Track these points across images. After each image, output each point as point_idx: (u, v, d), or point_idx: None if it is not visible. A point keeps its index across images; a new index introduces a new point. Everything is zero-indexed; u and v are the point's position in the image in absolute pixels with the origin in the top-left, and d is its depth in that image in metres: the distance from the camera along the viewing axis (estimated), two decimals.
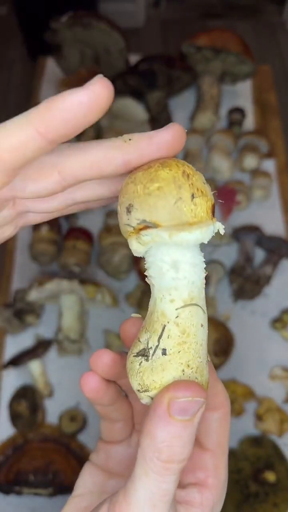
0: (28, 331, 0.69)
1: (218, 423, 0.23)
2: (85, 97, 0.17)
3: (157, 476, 0.19)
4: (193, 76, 0.86)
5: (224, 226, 0.23)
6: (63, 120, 0.17)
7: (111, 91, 0.18)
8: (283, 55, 2.00)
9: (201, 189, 0.19)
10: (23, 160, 0.18)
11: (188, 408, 0.18)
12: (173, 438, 0.18)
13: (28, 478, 0.60)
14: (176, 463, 0.19)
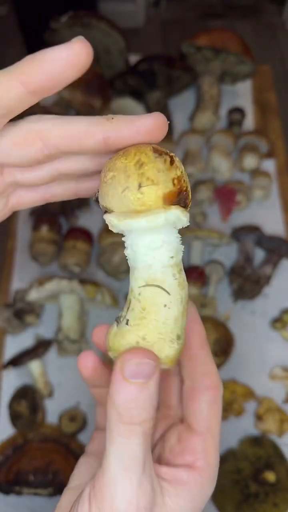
0: (28, 331, 0.69)
1: (208, 405, 0.24)
2: (64, 53, 0.19)
3: (122, 439, 0.20)
4: (193, 76, 0.86)
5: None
6: (43, 72, 0.19)
7: (90, 51, 0.19)
8: (283, 55, 2.00)
9: (151, 178, 0.19)
10: (5, 108, 0.19)
11: (139, 371, 0.20)
12: (130, 400, 0.20)
13: (28, 478, 0.60)
14: (137, 425, 0.20)
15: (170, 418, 0.27)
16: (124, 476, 0.20)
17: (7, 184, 0.24)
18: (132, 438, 0.20)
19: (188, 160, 0.80)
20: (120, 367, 0.20)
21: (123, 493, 0.20)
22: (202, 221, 0.77)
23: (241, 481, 0.58)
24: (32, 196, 0.25)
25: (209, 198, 0.77)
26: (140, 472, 0.20)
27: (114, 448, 0.20)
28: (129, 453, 0.20)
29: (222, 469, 0.59)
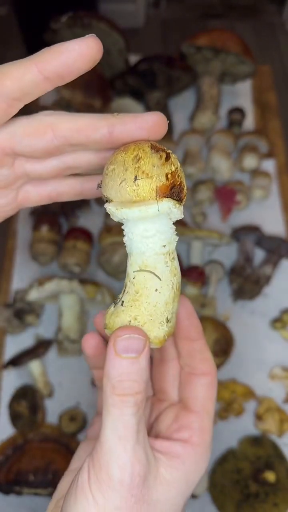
0: (28, 331, 0.69)
1: (204, 388, 0.26)
2: (77, 45, 0.21)
3: (116, 409, 0.22)
4: (193, 76, 0.86)
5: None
6: (59, 59, 0.21)
7: (100, 47, 0.21)
8: (283, 55, 2.00)
9: (146, 171, 0.21)
10: (21, 91, 0.21)
11: (129, 346, 0.22)
12: (122, 373, 0.22)
13: (28, 478, 0.60)
14: (129, 396, 0.22)
15: (165, 402, 0.29)
16: (119, 444, 0.21)
17: (17, 176, 0.26)
18: (125, 408, 0.22)
19: (188, 160, 0.80)
20: (113, 343, 0.22)
21: (118, 460, 0.21)
22: (202, 221, 0.77)
23: (241, 481, 0.59)
24: (39, 193, 0.27)
25: (209, 198, 0.77)
26: (134, 441, 0.22)
27: (109, 419, 0.22)
28: (123, 423, 0.21)
29: (222, 469, 0.59)
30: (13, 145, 0.24)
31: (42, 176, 0.26)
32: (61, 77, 0.21)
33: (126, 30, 0.84)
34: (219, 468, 0.59)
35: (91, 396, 0.65)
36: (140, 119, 0.23)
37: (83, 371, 0.66)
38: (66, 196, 0.28)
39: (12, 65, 0.22)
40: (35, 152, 0.24)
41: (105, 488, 0.21)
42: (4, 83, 0.21)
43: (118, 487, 0.21)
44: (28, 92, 0.22)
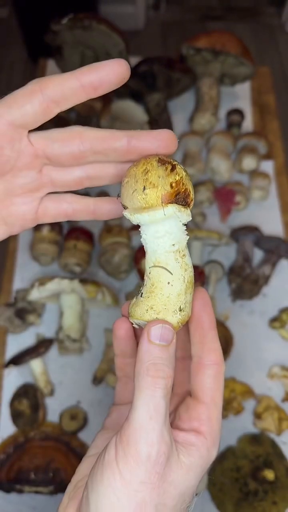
0: (29, 330, 0.69)
1: (212, 379, 0.28)
2: (110, 63, 0.24)
3: (148, 390, 0.24)
4: (193, 77, 0.87)
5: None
6: (94, 74, 0.24)
7: (128, 68, 0.25)
8: (282, 57, 2.01)
9: (153, 182, 0.25)
10: (61, 95, 0.25)
11: (161, 335, 0.25)
12: (155, 357, 0.25)
13: (29, 477, 0.60)
14: (161, 378, 0.24)
15: (180, 395, 0.31)
16: (149, 423, 0.24)
17: (43, 182, 0.28)
18: (157, 390, 0.24)
19: (188, 161, 0.81)
20: (147, 331, 0.25)
21: (147, 437, 0.23)
22: (202, 221, 0.77)
23: (240, 479, 0.59)
24: (56, 208, 0.30)
25: (208, 199, 0.78)
26: (162, 423, 0.24)
27: (142, 399, 0.24)
28: (154, 404, 0.24)
29: (222, 467, 0.60)
30: (45, 148, 0.27)
31: (65, 185, 0.29)
32: (95, 88, 0.25)
33: (126, 32, 0.85)
34: (218, 466, 0.60)
35: (92, 395, 0.65)
36: (155, 132, 0.26)
37: (83, 370, 0.67)
38: (80, 214, 0.30)
39: (55, 74, 0.25)
40: (63, 156, 0.27)
41: (132, 463, 0.23)
42: (48, 85, 0.24)
43: (145, 462, 0.23)
44: (66, 98, 0.25)
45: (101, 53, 0.85)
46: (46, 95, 0.24)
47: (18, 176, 0.28)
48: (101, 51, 0.85)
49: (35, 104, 0.24)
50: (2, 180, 0.27)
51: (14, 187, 0.28)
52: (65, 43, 0.84)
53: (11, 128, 0.25)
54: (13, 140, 0.25)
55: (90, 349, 0.68)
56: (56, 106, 0.25)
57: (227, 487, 0.58)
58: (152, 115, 0.85)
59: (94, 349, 0.68)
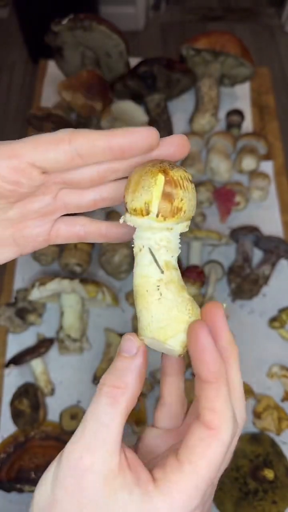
0: (30, 330, 0.70)
1: (200, 442, 0.22)
2: (141, 130, 0.24)
3: (94, 397, 0.24)
4: (193, 78, 0.87)
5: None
6: (125, 138, 0.24)
7: (158, 138, 0.25)
8: (282, 58, 2.01)
9: (140, 192, 0.24)
10: (88, 150, 0.24)
11: (124, 347, 0.24)
12: (111, 368, 0.24)
13: (30, 476, 0.60)
14: (105, 386, 0.24)
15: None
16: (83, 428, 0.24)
17: (57, 207, 0.28)
18: (101, 397, 0.24)
19: (188, 162, 0.81)
20: (120, 345, 0.25)
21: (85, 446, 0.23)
22: (201, 221, 0.78)
23: (240, 479, 0.59)
24: (69, 230, 0.30)
25: (208, 199, 0.78)
26: (103, 430, 0.23)
27: (89, 407, 0.24)
28: (93, 407, 0.24)
29: None
30: (64, 175, 0.26)
31: (79, 208, 0.29)
32: (122, 152, 0.24)
33: (126, 33, 0.85)
34: None
35: (92, 395, 0.65)
36: (170, 138, 0.26)
37: (84, 369, 0.67)
38: (92, 236, 0.30)
39: (88, 130, 0.24)
40: (83, 180, 0.27)
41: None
42: (77, 138, 0.24)
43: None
44: (92, 155, 0.24)
45: (102, 53, 0.85)
46: (74, 147, 0.24)
47: (34, 202, 0.28)
48: (101, 51, 0.85)
49: (60, 153, 0.24)
50: (18, 205, 0.27)
51: (29, 211, 0.28)
52: (66, 44, 0.84)
53: (29, 167, 0.24)
54: (32, 177, 0.25)
55: (90, 348, 0.68)
56: (81, 160, 0.24)
57: (227, 487, 0.59)
58: (152, 115, 0.86)
59: (94, 349, 0.68)
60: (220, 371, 0.22)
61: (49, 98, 0.93)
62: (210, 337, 0.22)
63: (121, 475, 0.22)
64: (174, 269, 0.25)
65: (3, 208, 0.27)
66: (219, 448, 0.22)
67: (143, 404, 0.64)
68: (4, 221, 0.28)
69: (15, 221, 0.28)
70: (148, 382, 0.64)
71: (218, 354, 0.22)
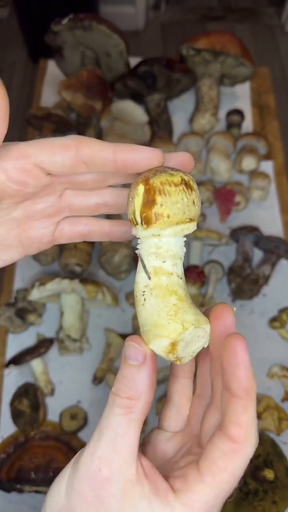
0: (29, 330, 0.70)
1: (223, 455, 0.22)
2: (147, 150, 0.25)
3: (106, 409, 0.24)
4: (193, 78, 0.87)
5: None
6: (130, 154, 0.25)
7: (162, 157, 0.25)
8: (282, 57, 2.01)
9: (129, 204, 0.25)
10: (92, 159, 0.25)
11: (129, 354, 0.23)
12: (119, 376, 0.24)
13: (30, 476, 0.60)
14: (117, 397, 0.23)
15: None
16: (97, 440, 0.24)
17: (61, 208, 0.29)
18: (114, 408, 0.24)
19: None
20: (123, 353, 0.24)
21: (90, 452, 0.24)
22: (201, 221, 0.78)
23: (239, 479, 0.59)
24: (73, 229, 0.30)
25: (208, 199, 0.78)
26: (109, 441, 0.23)
27: (102, 419, 0.24)
28: (103, 420, 0.24)
29: None
30: (68, 177, 0.27)
31: (83, 211, 0.29)
32: (125, 167, 0.25)
33: (126, 33, 0.85)
34: None
35: (92, 395, 0.66)
36: (175, 154, 0.27)
37: (84, 369, 0.67)
38: (95, 235, 0.30)
39: (95, 140, 0.25)
40: (87, 181, 0.27)
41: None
42: (83, 146, 0.25)
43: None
44: (96, 164, 0.25)
45: (101, 53, 0.85)
46: (79, 154, 0.24)
47: (39, 202, 0.28)
48: (101, 51, 0.85)
49: (66, 158, 0.25)
50: (23, 205, 0.28)
51: (34, 212, 0.28)
52: (65, 44, 0.84)
53: (36, 168, 0.25)
54: (38, 178, 0.25)
55: (90, 349, 0.68)
56: (85, 167, 0.25)
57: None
58: (152, 115, 0.86)
59: (94, 349, 0.68)
60: (252, 387, 0.22)
61: (49, 98, 0.93)
62: (247, 352, 0.22)
63: (139, 485, 0.22)
64: (165, 275, 0.25)
65: (9, 208, 0.27)
66: (241, 462, 0.22)
67: None
68: (9, 221, 0.28)
69: (20, 222, 0.28)
70: None
71: (252, 371, 0.22)
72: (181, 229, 0.25)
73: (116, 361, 0.67)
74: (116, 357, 0.67)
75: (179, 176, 0.25)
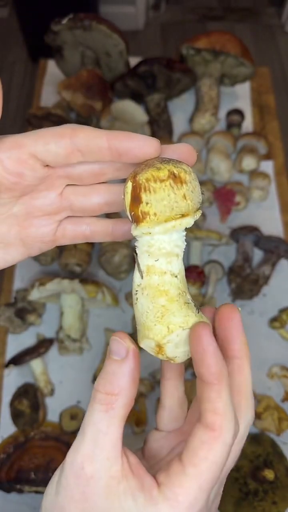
0: (29, 330, 0.69)
1: (202, 445, 0.22)
2: (142, 138, 0.24)
3: (89, 405, 0.24)
4: (193, 78, 0.87)
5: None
6: (125, 142, 0.24)
7: (158, 151, 0.24)
8: (282, 57, 2.01)
9: (127, 200, 0.24)
10: (87, 147, 0.24)
11: (114, 350, 0.24)
12: (102, 371, 0.24)
13: (29, 476, 0.60)
14: (98, 392, 0.24)
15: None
16: (81, 435, 0.24)
17: (62, 206, 0.28)
18: (94, 404, 0.24)
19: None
20: (108, 347, 0.24)
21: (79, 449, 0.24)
22: (202, 221, 0.78)
23: (240, 479, 0.59)
24: (75, 229, 0.30)
25: (208, 199, 0.78)
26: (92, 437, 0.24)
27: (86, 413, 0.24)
28: (87, 417, 0.24)
29: None
30: (66, 169, 0.27)
31: (84, 211, 0.29)
32: (119, 155, 0.24)
33: (126, 33, 0.85)
34: None
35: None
36: (172, 147, 0.26)
37: (83, 369, 0.67)
38: (98, 235, 0.30)
39: (90, 127, 0.25)
40: (85, 174, 0.27)
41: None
42: (78, 134, 0.24)
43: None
44: (91, 152, 0.24)
45: (101, 53, 0.85)
46: (74, 142, 0.24)
47: (38, 198, 0.28)
48: (101, 51, 0.85)
49: (60, 146, 0.24)
50: (22, 201, 0.27)
51: (34, 208, 0.28)
52: (65, 43, 0.84)
53: (31, 158, 0.25)
54: (35, 168, 0.25)
55: (90, 349, 0.68)
56: (80, 155, 0.25)
57: (227, 487, 0.59)
58: (152, 115, 0.85)
59: (94, 349, 0.68)
60: (222, 372, 0.22)
61: (49, 97, 0.93)
62: (212, 338, 0.22)
63: (124, 481, 0.22)
64: (157, 274, 0.24)
65: (8, 203, 0.27)
66: (221, 449, 0.22)
67: (144, 404, 0.64)
68: (10, 218, 0.28)
69: (20, 219, 0.28)
70: (148, 382, 0.64)
71: (220, 356, 0.22)
72: (171, 226, 0.23)
73: None
74: None
75: (167, 170, 0.23)
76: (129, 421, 0.63)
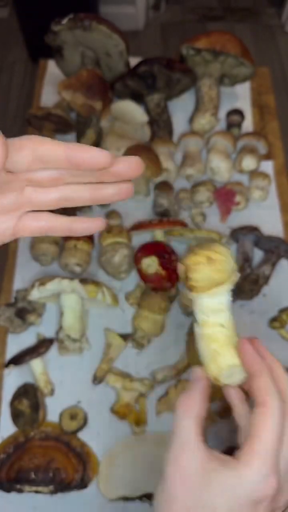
0: (29, 330, 0.69)
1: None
2: (96, 151, 0.27)
3: None
4: (193, 78, 0.87)
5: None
6: (80, 153, 0.27)
7: (110, 161, 0.27)
8: (282, 57, 2.01)
9: (182, 275, 0.34)
10: (47, 157, 0.27)
11: (194, 376, 0.35)
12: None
13: (29, 476, 0.60)
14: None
15: None
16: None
17: (22, 203, 0.30)
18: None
19: (188, 162, 0.81)
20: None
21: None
22: (202, 221, 0.78)
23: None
24: (34, 224, 0.32)
25: (208, 199, 0.78)
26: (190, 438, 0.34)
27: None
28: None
29: None
30: (27, 174, 0.28)
31: (43, 205, 0.31)
32: (77, 165, 0.27)
33: (126, 33, 0.85)
34: None
35: (92, 395, 0.65)
36: (123, 159, 0.29)
37: (83, 369, 0.67)
38: (56, 230, 0.32)
39: (49, 139, 0.27)
40: (45, 179, 0.29)
41: None
42: (37, 146, 0.27)
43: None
44: (51, 162, 0.27)
45: (102, 53, 0.85)
46: (35, 154, 0.27)
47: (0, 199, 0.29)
48: (101, 51, 0.85)
49: (22, 157, 0.27)
50: None
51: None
52: (65, 44, 0.84)
53: None
54: None
55: (90, 349, 0.68)
56: (41, 164, 0.27)
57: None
58: (152, 115, 0.85)
59: (94, 349, 0.68)
60: (261, 365, 0.33)
61: (49, 98, 0.93)
62: (252, 348, 0.34)
63: (211, 461, 0.31)
64: (209, 327, 0.33)
65: None
66: (273, 419, 0.30)
67: (143, 404, 0.64)
68: None
69: None
70: (148, 382, 0.64)
71: (258, 356, 0.34)
72: (214, 292, 0.32)
73: (116, 361, 0.67)
74: (116, 357, 0.67)
75: (203, 254, 0.32)
76: (129, 421, 0.63)
